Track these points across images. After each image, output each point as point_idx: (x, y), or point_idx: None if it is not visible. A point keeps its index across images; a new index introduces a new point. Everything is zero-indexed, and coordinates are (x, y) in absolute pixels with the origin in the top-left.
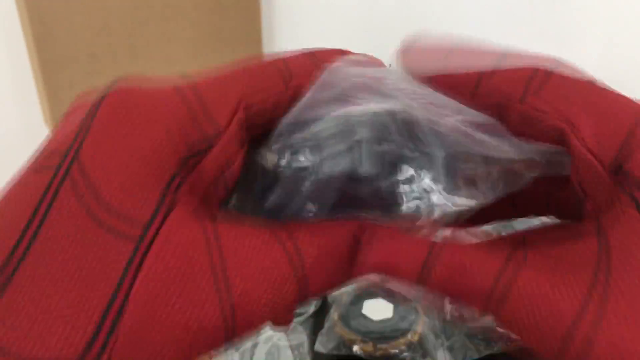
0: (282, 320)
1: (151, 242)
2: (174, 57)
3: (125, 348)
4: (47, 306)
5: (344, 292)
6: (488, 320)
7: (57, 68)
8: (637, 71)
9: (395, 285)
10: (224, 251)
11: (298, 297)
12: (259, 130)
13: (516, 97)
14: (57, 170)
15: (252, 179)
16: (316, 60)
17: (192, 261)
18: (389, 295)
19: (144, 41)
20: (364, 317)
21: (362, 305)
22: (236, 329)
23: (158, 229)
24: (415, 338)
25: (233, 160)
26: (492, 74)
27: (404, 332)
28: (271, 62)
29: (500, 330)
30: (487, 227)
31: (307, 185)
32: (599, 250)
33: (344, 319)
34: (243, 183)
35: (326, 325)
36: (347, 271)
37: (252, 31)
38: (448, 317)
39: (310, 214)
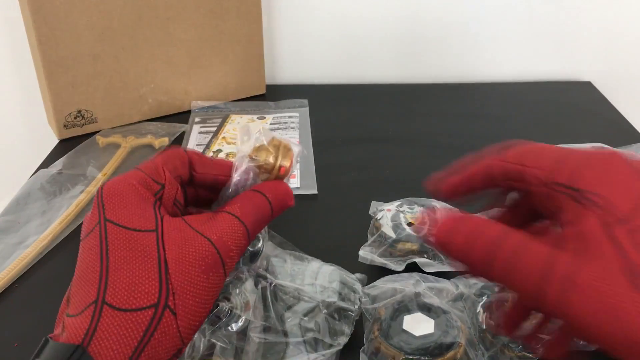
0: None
1: (162, 229)
2: (176, 59)
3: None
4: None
5: (379, 307)
6: (526, 326)
7: (61, 69)
8: (637, 71)
9: (429, 297)
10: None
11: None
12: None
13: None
14: (99, 225)
15: None
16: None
17: (180, 232)
18: (425, 308)
19: (146, 42)
20: (406, 332)
21: (402, 320)
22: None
23: (162, 224)
24: (460, 352)
25: (173, 194)
26: None
27: (448, 347)
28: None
29: (541, 335)
30: None
31: None
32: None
33: (385, 335)
34: None
35: (367, 342)
36: None
37: (253, 33)
38: (484, 325)
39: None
